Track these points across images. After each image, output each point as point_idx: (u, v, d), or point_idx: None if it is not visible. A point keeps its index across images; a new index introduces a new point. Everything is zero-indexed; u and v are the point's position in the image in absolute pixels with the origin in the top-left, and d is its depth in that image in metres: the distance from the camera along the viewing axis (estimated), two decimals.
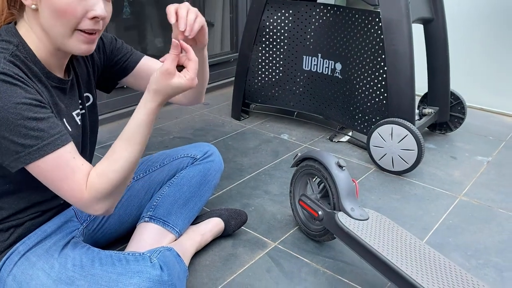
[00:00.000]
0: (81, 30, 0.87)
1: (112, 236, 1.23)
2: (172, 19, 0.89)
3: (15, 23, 0.91)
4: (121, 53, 1.14)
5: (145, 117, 0.88)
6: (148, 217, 1.20)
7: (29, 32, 0.89)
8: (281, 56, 2.15)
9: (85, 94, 1.06)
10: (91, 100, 1.09)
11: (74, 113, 1.00)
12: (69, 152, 0.84)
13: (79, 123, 1.02)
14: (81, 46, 0.88)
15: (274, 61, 2.17)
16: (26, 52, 0.88)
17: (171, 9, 0.89)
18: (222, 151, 1.40)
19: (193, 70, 0.88)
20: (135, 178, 1.27)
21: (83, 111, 1.05)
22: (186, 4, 0.92)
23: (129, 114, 1.22)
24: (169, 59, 0.86)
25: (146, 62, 1.17)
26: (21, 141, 0.80)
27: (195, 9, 0.92)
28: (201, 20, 0.92)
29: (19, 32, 0.89)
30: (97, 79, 1.13)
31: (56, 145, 0.82)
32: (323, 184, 1.32)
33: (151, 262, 0.93)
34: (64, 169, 0.83)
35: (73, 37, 0.87)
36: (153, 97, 0.87)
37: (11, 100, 0.79)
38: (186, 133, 2.13)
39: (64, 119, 0.96)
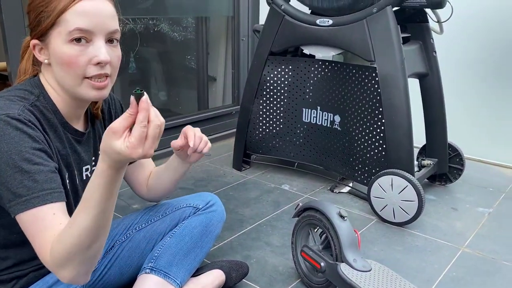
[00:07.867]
0: (89, 78, 0.90)
1: (113, 287, 1.21)
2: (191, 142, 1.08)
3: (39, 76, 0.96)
4: None
5: (96, 179, 0.75)
6: (149, 269, 1.19)
7: (47, 84, 0.95)
8: (281, 109, 2.21)
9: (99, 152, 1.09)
10: None
11: (84, 167, 1.03)
12: (52, 209, 0.82)
13: (87, 177, 1.04)
14: (90, 92, 0.92)
15: (274, 113, 2.22)
16: (46, 102, 0.93)
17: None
18: (223, 202, 1.40)
19: (136, 137, 0.70)
20: (137, 228, 1.27)
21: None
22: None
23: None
24: (120, 118, 0.71)
25: None
26: (14, 190, 0.81)
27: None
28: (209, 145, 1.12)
29: (42, 84, 0.94)
30: None
31: (43, 201, 0.82)
32: (325, 234, 1.32)
33: None
34: (37, 225, 0.81)
35: (83, 85, 0.91)
36: (102, 156, 0.74)
37: (16, 147, 0.82)
38: (187, 184, 2.15)
39: (75, 171, 0.99)
